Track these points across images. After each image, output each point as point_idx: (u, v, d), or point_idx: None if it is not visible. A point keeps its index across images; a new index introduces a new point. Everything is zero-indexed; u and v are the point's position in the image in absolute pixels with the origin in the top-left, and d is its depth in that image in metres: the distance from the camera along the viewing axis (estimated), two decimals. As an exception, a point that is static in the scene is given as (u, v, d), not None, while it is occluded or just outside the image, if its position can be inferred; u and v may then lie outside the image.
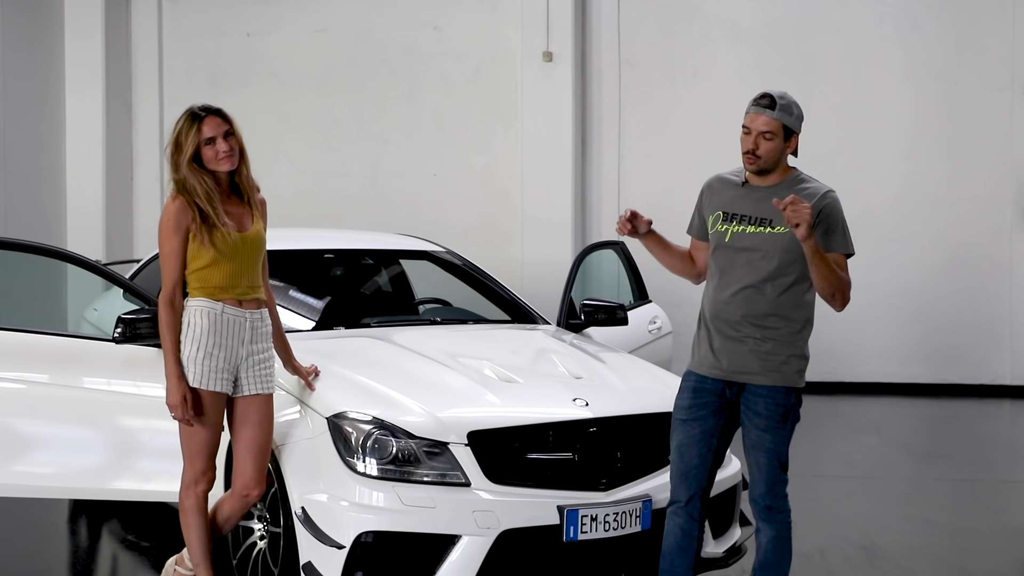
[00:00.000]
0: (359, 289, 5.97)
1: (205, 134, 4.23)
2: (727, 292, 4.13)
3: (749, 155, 4.11)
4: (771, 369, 4.09)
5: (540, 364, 4.91)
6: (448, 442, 4.21)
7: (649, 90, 11.43)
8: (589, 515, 4.25)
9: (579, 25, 11.32)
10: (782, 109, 4.08)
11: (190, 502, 4.27)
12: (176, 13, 12.26)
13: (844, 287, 4.04)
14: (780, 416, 4.12)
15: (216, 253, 4.19)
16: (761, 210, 4.10)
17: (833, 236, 4.07)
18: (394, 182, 11.90)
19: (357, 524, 4.09)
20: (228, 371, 4.25)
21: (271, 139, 12.11)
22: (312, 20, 12.00)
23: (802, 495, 6.74)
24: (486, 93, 11.66)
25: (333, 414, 4.30)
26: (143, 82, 12.31)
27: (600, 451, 4.39)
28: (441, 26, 11.73)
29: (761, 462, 4.16)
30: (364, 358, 4.90)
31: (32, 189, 11.39)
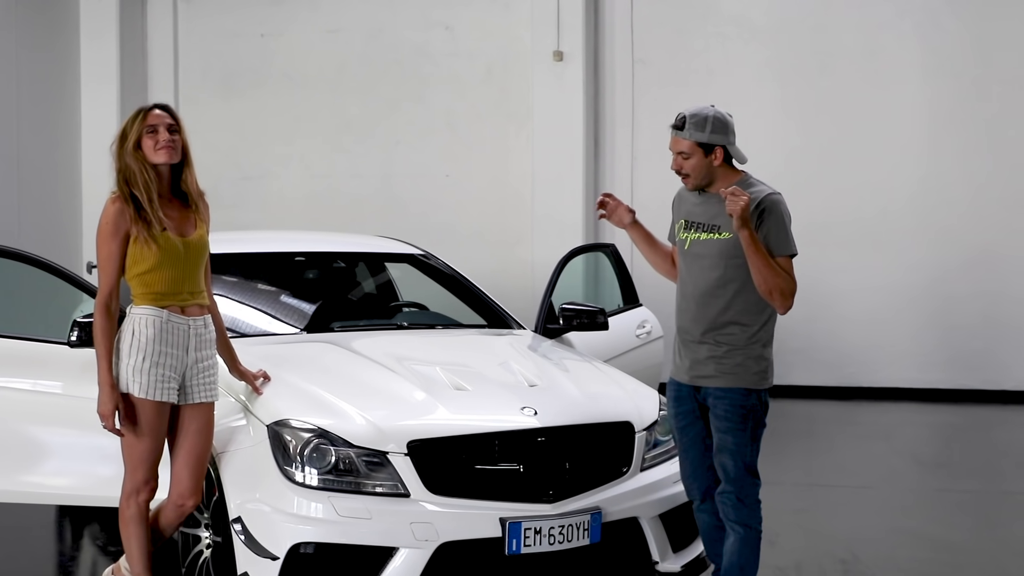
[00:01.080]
0: (330, 293, 5.88)
1: (148, 122, 4.15)
2: (687, 299, 4.31)
3: (679, 175, 4.31)
4: (726, 372, 4.20)
5: (496, 371, 4.79)
6: (387, 451, 4.12)
7: (663, 89, 11.24)
8: (533, 528, 4.14)
9: (591, 24, 11.18)
10: (692, 127, 4.21)
11: (131, 511, 4.21)
12: (191, 14, 12.28)
13: (782, 285, 4.10)
14: (739, 418, 4.20)
15: (157, 256, 4.12)
16: (712, 216, 4.26)
17: (772, 237, 4.13)
18: (406, 183, 11.84)
19: (291, 535, 4.02)
20: (174, 380, 4.18)
21: (284, 141, 12.10)
22: (325, 20, 11.97)
23: (792, 505, 6.62)
24: (498, 93, 11.56)
25: (274, 421, 4.23)
26: (158, 83, 12.34)
27: (548, 462, 4.27)
28: (453, 26, 11.65)
29: (726, 465, 4.23)
30: (316, 365, 4.82)
31: (47, 189, 11.44)
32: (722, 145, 4.20)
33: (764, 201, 4.14)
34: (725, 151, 4.22)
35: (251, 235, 6.68)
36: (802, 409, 10.38)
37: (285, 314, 5.58)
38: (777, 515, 6.29)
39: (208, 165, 12.32)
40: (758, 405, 4.24)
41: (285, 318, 5.54)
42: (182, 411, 4.24)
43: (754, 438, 4.25)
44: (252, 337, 5.23)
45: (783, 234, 4.15)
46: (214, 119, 12.23)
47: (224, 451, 4.34)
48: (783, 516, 6.33)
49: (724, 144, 4.20)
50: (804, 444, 8.92)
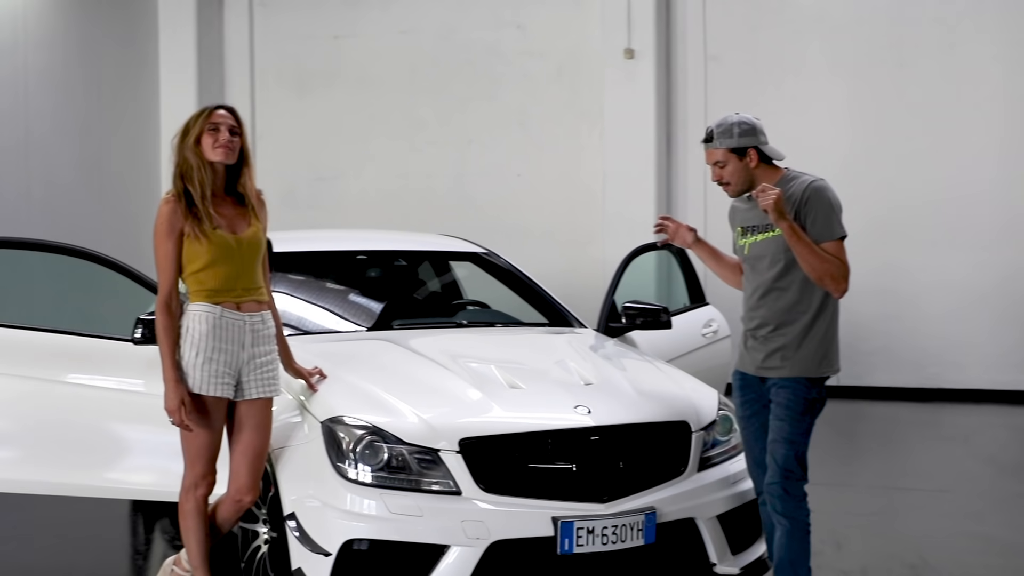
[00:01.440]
0: (392, 291, 5.89)
1: (211, 120, 4.20)
2: (753, 299, 4.40)
3: (720, 184, 4.42)
4: (791, 361, 4.27)
5: (552, 370, 4.76)
6: (439, 449, 4.11)
7: (736, 86, 11.12)
8: (585, 527, 4.09)
9: (662, 21, 11.09)
10: (720, 136, 4.34)
11: (189, 505, 4.26)
12: (266, 17, 12.45)
13: (832, 271, 4.17)
14: (800, 408, 4.26)
15: (210, 252, 4.16)
16: (764, 216, 4.32)
17: (817, 223, 4.20)
18: (478, 183, 11.86)
19: (344, 531, 4.02)
20: (229, 375, 4.21)
21: (359, 141, 12.20)
22: (397, 21, 12.05)
23: (863, 508, 6.48)
24: (570, 91, 11.53)
25: (328, 418, 4.24)
26: (235, 85, 12.53)
27: (602, 461, 4.22)
28: (524, 25, 11.64)
29: (777, 453, 4.27)
30: (373, 362, 4.83)
31: (127, 191, 11.67)
32: (754, 146, 4.30)
33: (808, 189, 4.23)
34: (759, 152, 4.31)
35: (314, 234, 6.73)
36: (881, 411, 10.19)
37: (346, 312, 5.61)
38: (846, 518, 6.20)
39: (283, 166, 12.61)
40: (819, 398, 4.31)
41: (346, 316, 5.57)
42: (239, 407, 4.28)
43: (808, 430, 4.30)
44: (312, 335, 5.26)
45: (828, 219, 4.21)
46: (289, 121, 12.39)
47: (280, 447, 4.37)
48: (853, 519, 6.22)
49: (756, 145, 4.30)
50: (881, 446, 8.74)
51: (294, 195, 12.45)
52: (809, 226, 4.18)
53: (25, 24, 10.23)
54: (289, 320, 5.33)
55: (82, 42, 11.05)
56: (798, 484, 4.26)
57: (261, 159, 12.46)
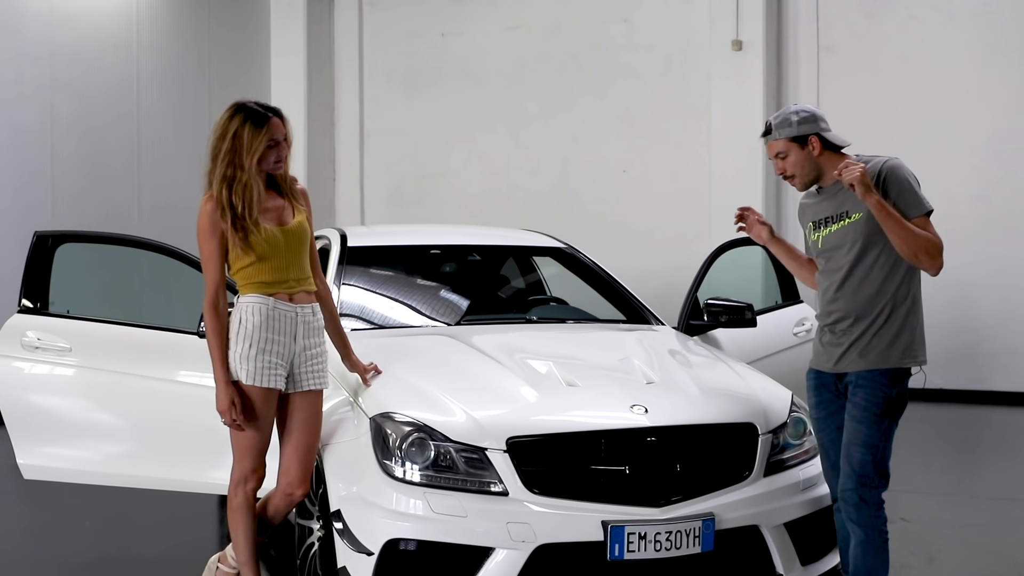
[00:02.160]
0: (464, 286, 5.79)
1: (272, 136, 4.10)
2: (830, 292, 4.16)
3: (786, 179, 4.23)
4: (872, 352, 4.05)
5: (615, 368, 4.57)
6: (486, 448, 3.98)
7: (850, 78, 10.71)
8: (637, 533, 3.91)
9: (772, 11, 10.75)
10: (779, 127, 4.16)
11: (238, 500, 4.22)
12: (375, 16, 12.51)
13: (926, 245, 3.95)
14: (879, 407, 4.02)
15: (260, 248, 4.11)
16: (837, 206, 4.15)
17: (903, 199, 3.98)
18: (583, 179, 11.70)
19: (386, 531, 3.92)
20: (282, 367, 4.17)
21: (464, 138, 12.17)
22: (503, 18, 11.97)
23: (962, 519, 6.12)
24: (676, 86, 11.28)
25: (377, 413, 4.15)
26: (344, 84, 12.62)
27: (657, 463, 4.04)
28: (631, 18, 11.43)
29: (854, 456, 4.03)
30: (429, 358, 4.72)
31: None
32: (815, 133, 4.09)
33: (883, 169, 4.00)
34: (822, 139, 4.10)
35: (391, 228, 6.68)
36: (1001, 417, 9.68)
37: (415, 307, 5.52)
38: (943, 529, 5.87)
39: (390, 164, 12.65)
40: (899, 398, 4.05)
41: (414, 311, 5.49)
42: (291, 399, 4.23)
43: (889, 433, 4.06)
44: (377, 329, 5.19)
45: (911, 194, 3.98)
46: (396, 118, 12.44)
47: (329, 443, 4.30)
48: (949, 531, 5.88)
49: (817, 132, 4.10)
50: (992, 454, 8.29)
51: (400, 193, 12.49)
52: (891, 205, 3.94)
53: (138, 26, 10.47)
54: (358, 314, 5.29)
55: (192, 44, 11.27)
56: (875, 491, 4.02)
57: (369, 157, 12.57)
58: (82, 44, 9.87)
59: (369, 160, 12.63)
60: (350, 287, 5.43)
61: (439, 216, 11.99)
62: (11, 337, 5.07)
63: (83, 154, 9.76)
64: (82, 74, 9.86)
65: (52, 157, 9.56)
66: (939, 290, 10.52)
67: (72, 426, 5.10)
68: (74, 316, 5.24)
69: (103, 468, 5.07)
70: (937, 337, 10.42)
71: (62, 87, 9.64)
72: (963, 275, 10.25)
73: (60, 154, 9.61)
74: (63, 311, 5.30)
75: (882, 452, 4.02)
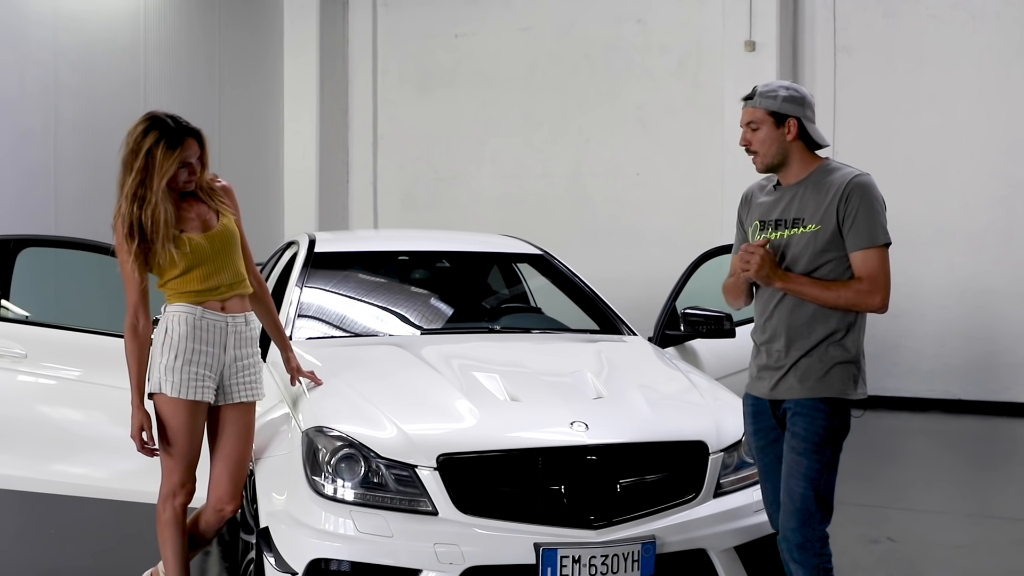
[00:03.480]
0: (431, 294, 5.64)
1: (186, 157, 3.95)
2: (769, 305, 3.78)
3: (749, 154, 3.82)
4: (811, 381, 3.67)
5: (565, 381, 4.40)
6: (416, 465, 3.82)
7: (868, 79, 10.43)
8: (571, 556, 3.74)
9: (787, 11, 10.49)
10: (763, 95, 3.74)
11: (167, 515, 4.09)
12: (389, 17, 12.40)
13: (854, 299, 3.62)
14: (819, 437, 3.64)
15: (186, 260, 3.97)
16: (793, 210, 3.74)
17: (858, 225, 3.61)
18: (596, 182, 11.52)
19: (309, 550, 3.78)
20: (210, 378, 4.03)
21: (477, 141, 12.04)
22: (517, 18, 11.81)
23: (953, 539, 5.87)
24: (690, 87, 11.05)
25: (311, 427, 4.01)
26: (358, 87, 12.53)
27: (596, 483, 3.86)
28: (644, 19, 11.23)
29: (794, 491, 3.66)
30: (374, 370, 4.57)
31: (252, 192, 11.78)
32: (797, 117, 3.67)
33: (850, 184, 3.62)
34: (800, 127, 3.68)
35: (367, 233, 6.56)
36: (1018, 429, 9.36)
37: (376, 314, 5.39)
38: (930, 550, 5.64)
39: (404, 165, 12.53)
40: (841, 426, 3.67)
41: (374, 318, 5.35)
42: (221, 412, 4.10)
43: (832, 465, 3.67)
44: (328, 339, 5.06)
45: (872, 221, 3.60)
46: (409, 120, 12.32)
47: (262, 456, 4.17)
48: (937, 551, 5.64)
49: (799, 116, 3.67)
50: (1000, 469, 8.00)
51: (413, 195, 12.37)
52: (847, 229, 3.60)
53: (145, 27, 10.44)
54: (315, 319, 5.17)
55: (202, 45, 11.22)
56: (819, 528, 3.65)
57: (382, 160, 12.47)
58: (87, 46, 9.84)
59: (382, 162, 12.52)
60: (313, 290, 5.31)
61: (451, 219, 11.85)
62: None
63: (87, 156, 9.72)
64: (86, 75, 9.82)
65: (55, 158, 9.54)
66: (958, 298, 10.27)
67: (26, 433, 5.02)
68: (31, 322, 5.18)
69: (50, 476, 4.98)
70: (956, 346, 10.20)
71: (65, 88, 9.61)
72: (983, 282, 9.95)
73: (63, 156, 9.58)
74: (22, 317, 5.24)
75: (824, 485, 3.65)
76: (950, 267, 10.07)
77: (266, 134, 12.12)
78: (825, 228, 3.63)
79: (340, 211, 12.50)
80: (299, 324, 5.07)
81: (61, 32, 9.56)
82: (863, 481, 7.31)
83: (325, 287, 5.41)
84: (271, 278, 5.95)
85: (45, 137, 9.47)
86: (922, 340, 10.20)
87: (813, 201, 3.66)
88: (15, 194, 9.21)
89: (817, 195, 3.66)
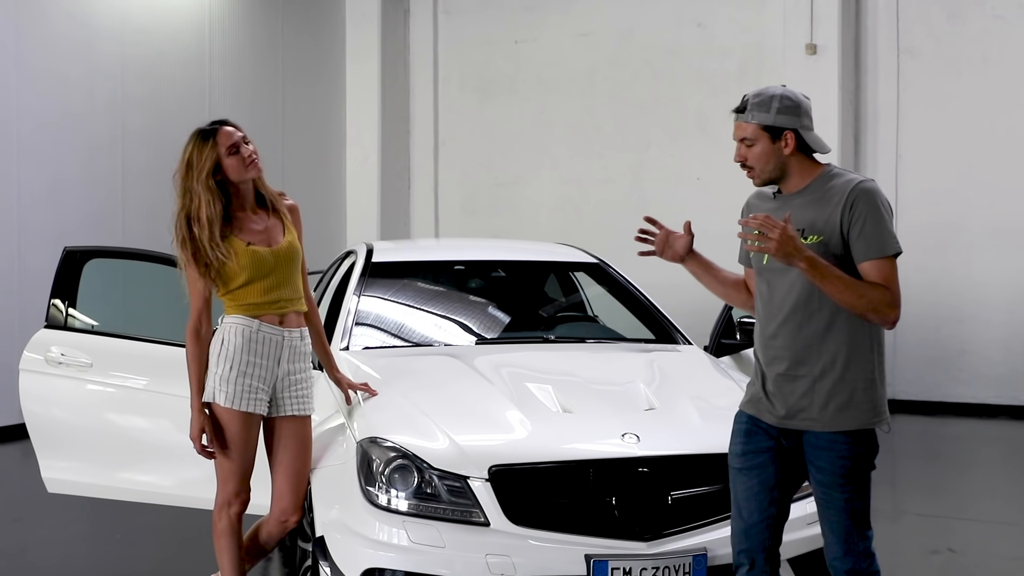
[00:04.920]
0: (486, 303, 5.68)
1: (224, 144, 4.04)
2: (773, 323, 3.53)
3: (744, 169, 3.61)
4: (833, 411, 3.41)
5: (617, 392, 4.41)
6: (468, 476, 3.86)
7: (932, 81, 10.31)
8: (622, 567, 3.76)
9: (849, 13, 10.39)
10: (755, 107, 3.52)
11: (223, 524, 4.19)
12: (450, 24, 12.49)
13: (875, 302, 3.33)
14: (847, 470, 3.42)
15: (249, 271, 4.06)
16: (796, 220, 3.46)
17: (866, 234, 3.37)
18: (656, 187, 11.48)
19: (363, 560, 3.84)
20: (263, 391, 4.12)
21: (537, 146, 12.07)
22: (577, 24, 11.83)
23: (1016, 551, 5.78)
24: (751, 91, 10.96)
25: (365, 438, 4.07)
26: (419, 93, 12.63)
27: (647, 494, 3.87)
28: (705, 23, 11.19)
29: (833, 521, 3.49)
30: (428, 380, 4.62)
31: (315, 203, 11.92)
32: (793, 129, 3.46)
33: (855, 190, 3.38)
34: (798, 138, 3.47)
35: (425, 243, 6.61)
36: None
37: (432, 324, 5.44)
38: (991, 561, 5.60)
39: (465, 172, 12.61)
40: (867, 453, 3.45)
41: (431, 328, 5.40)
42: (277, 424, 4.18)
43: (865, 489, 3.47)
44: (384, 348, 5.12)
45: (880, 230, 3.36)
46: (470, 126, 12.40)
47: (318, 466, 4.24)
48: (998, 563, 5.56)
49: (795, 128, 3.46)
50: None
51: (474, 201, 12.44)
52: (855, 238, 3.36)
53: (210, 37, 10.62)
54: (372, 328, 5.23)
55: (266, 53, 11.39)
56: (862, 544, 3.46)
57: (443, 166, 12.55)
58: (153, 58, 10.05)
59: (443, 169, 12.61)
60: (370, 299, 5.38)
61: (511, 225, 11.90)
62: (37, 352, 5.14)
63: (153, 166, 9.91)
64: (153, 87, 10.03)
65: (123, 170, 9.75)
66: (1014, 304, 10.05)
67: (94, 441, 5.15)
68: (97, 332, 5.31)
69: (123, 484, 5.11)
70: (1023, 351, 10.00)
71: (133, 101, 9.83)
72: (1052, 286, 9.79)
73: (131, 167, 9.79)
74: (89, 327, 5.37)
75: (862, 510, 3.46)
76: (1016, 271, 9.92)
77: (329, 141, 12.27)
78: (828, 239, 3.40)
79: (402, 217, 12.61)
80: (356, 333, 5.14)
81: (128, 45, 9.78)
82: (926, 491, 7.23)
83: (382, 296, 5.48)
84: (330, 287, 6.04)
85: (113, 149, 9.69)
86: (988, 345, 10.05)
87: (814, 211, 3.44)
88: (85, 204, 9.44)
89: (819, 205, 3.44)
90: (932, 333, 10.18)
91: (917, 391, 10.27)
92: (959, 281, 10.15)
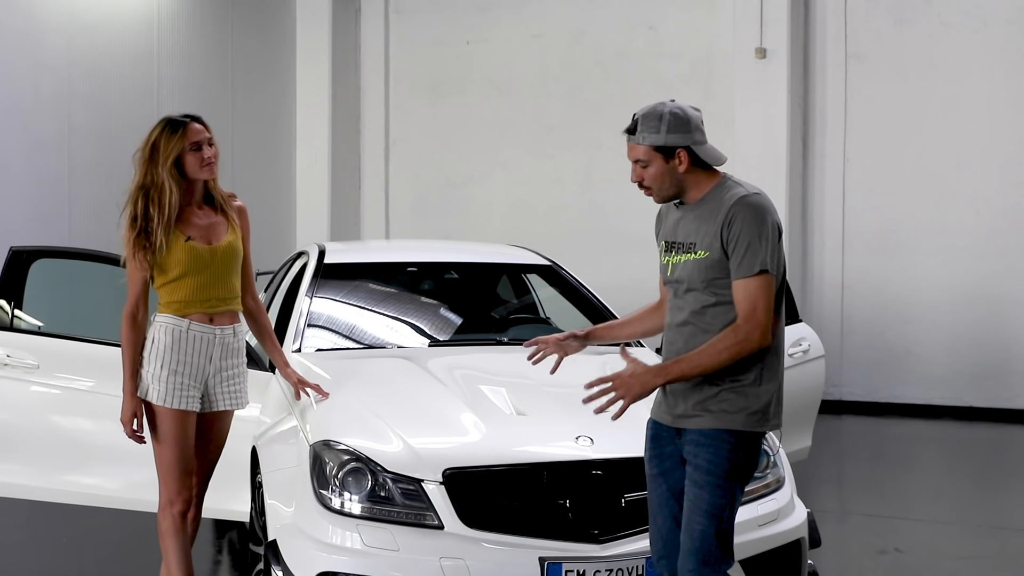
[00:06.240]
0: (439, 305, 5.67)
1: (191, 139, 4.08)
2: (671, 330, 3.58)
3: (640, 187, 3.56)
4: (714, 411, 3.41)
5: (572, 394, 4.39)
6: (422, 479, 3.86)
7: (879, 86, 10.42)
8: (576, 570, 3.77)
9: (798, 18, 10.49)
10: (645, 129, 3.46)
11: (167, 524, 4.17)
12: (401, 25, 12.44)
13: (734, 348, 3.33)
14: (724, 471, 3.39)
15: (183, 264, 4.08)
16: (688, 234, 3.51)
17: (738, 254, 3.36)
18: (607, 188, 11.51)
19: (316, 563, 3.82)
20: (195, 387, 4.13)
21: (489, 147, 12.06)
22: (529, 25, 11.84)
23: (961, 550, 5.87)
24: (702, 94, 11.03)
25: (318, 441, 4.05)
26: (370, 93, 12.57)
27: (601, 497, 3.89)
28: (656, 26, 11.25)
29: (694, 529, 3.39)
30: (381, 383, 4.61)
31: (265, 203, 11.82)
32: (685, 146, 3.42)
33: (734, 206, 3.37)
34: (691, 154, 3.44)
35: (375, 244, 6.58)
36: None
37: (384, 326, 5.42)
38: (938, 561, 5.65)
39: (415, 172, 12.56)
40: (747, 459, 3.43)
41: (382, 330, 5.38)
42: (204, 418, 4.22)
43: (734, 500, 3.42)
44: (337, 351, 5.10)
45: (751, 248, 3.34)
46: (421, 127, 12.36)
47: (271, 469, 4.22)
48: (944, 563, 5.64)
49: (687, 144, 3.42)
50: (1012, 478, 7.97)
51: (425, 202, 12.41)
52: (731, 255, 3.37)
53: (159, 35, 10.50)
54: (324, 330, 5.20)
55: (215, 53, 11.28)
56: (719, 570, 3.39)
57: (394, 166, 12.51)
58: (101, 52, 9.90)
59: (393, 168, 12.57)
60: (322, 300, 5.34)
61: (462, 226, 11.89)
62: None
63: (101, 163, 9.79)
64: (100, 83, 9.89)
65: (69, 166, 9.60)
66: (969, 305, 10.26)
67: (39, 443, 5.08)
68: (43, 333, 5.24)
69: (68, 487, 5.05)
70: (967, 353, 10.19)
71: (79, 96, 9.68)
72: (995, 288, 9.94)
73: (77, 163, 9.65)
74: (35, 328, 5.30)
75: (726, 522, 3.39)
76: (961, 274, 10.07)
77: (279, 141, 12.18)
78: (712, 255, 3.42)
79: (352, 217, 12.54)
80: (308, 335, 5.10)
81: (75, 39, 9.62)
82: (872, 491, 7.32)
83: (334, 298, 5.45)
84: (281, 288, 5.99)
85: (59, 145, 9.53)
86: (933, 347, 10.19)
87: (704, 225, 3.44)
88: (30, 202, 9.28)
89: (707, 219, 3.44)
90: (878, 336, 10.31)
91: (863, 392, 10.40)
92: (905, 284, 10.28)
